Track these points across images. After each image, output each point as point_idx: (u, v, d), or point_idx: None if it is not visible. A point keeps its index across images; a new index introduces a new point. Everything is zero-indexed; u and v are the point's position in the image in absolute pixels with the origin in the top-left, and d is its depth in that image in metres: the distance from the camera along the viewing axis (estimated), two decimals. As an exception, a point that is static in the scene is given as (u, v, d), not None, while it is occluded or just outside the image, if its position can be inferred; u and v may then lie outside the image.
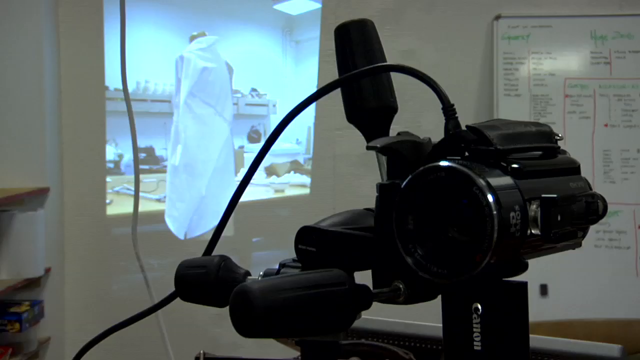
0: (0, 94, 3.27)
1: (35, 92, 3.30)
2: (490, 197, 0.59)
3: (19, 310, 3.07)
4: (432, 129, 1.16)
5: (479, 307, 0.64)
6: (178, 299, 0.80)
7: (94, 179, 3.56)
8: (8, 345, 3.03)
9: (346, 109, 0.78)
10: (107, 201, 3.59)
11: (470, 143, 0.64)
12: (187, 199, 3.60)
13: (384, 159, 0.70)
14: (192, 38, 3.61)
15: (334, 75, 0.77)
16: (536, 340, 1.14)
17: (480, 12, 3.49)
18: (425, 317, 1.20)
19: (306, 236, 0.69)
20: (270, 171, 3.64)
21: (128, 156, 3.59)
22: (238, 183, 0.77)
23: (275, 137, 0.75)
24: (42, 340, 3.28)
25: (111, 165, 3.61)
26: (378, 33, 0.80)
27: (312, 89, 3.58)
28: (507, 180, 0.62)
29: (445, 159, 0.63)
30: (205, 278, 0.75)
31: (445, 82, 0.67)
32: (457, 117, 0.66)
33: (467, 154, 0.65)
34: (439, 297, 0.67)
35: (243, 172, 3.77)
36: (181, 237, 3.60)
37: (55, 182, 3.42)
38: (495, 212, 0.59)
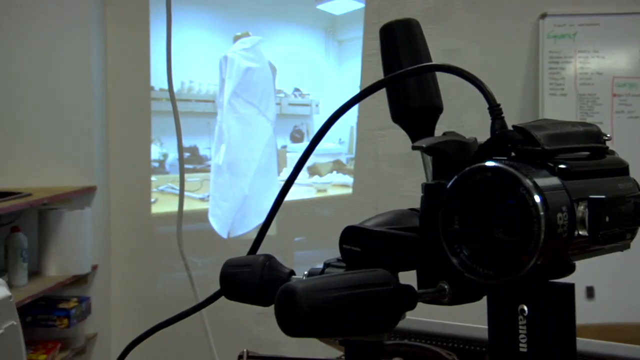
0: (50, 95, 3.34)
1: (83, 92, 3.36)
2: (537, 198, 0.58)
3: (67, 307, 3.13)
4: (475, 128, 1.15)
5: (525, 308, 0.63)
6: (222, 297, 0.81)
7: (139, 178, 3.61)
8: (57, 340, 3.09)
9: (391, 109, 0.78)
10: (152, 200, 3.64)
11: (517, 143, 0.64)
12: (230, 198, 3.63)
13: (429, 159, 0.70)
14: (236, 38, 3.64)
15: (376, 75, 0.76)
16: (582, 343, 1.13)
17: (525, 11, 3.45)
18: (465, 318, 1.19)
19: (351, 236, 0.69)
20: (313, 171, 3.65)
21: (172, 155, 3.64)
22: (281, 183, 0.77)
23: (320, 137, 0.75)
24: (89, 336, 3.34)
25: (156, 164, 3.65)
26: (423, 32, 0.79)
27: (355, 88, 3.58)
28: (554, 180, 0.61)
29: (492, 159, 0.62)
30: (250, 277, 0.76)
31: (490, 81, 0.67)
32: (503, 117, 0.66)
33: (513, 154, 0.64)
34: (484, 298, 0.67)
35: (286, 171, 3.82)
36: (224, 236, 3.63)
37: (102, 181, 3.47)
38: (542, 213, 0.58)
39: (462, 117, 3.20)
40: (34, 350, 2.92)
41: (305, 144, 3.76)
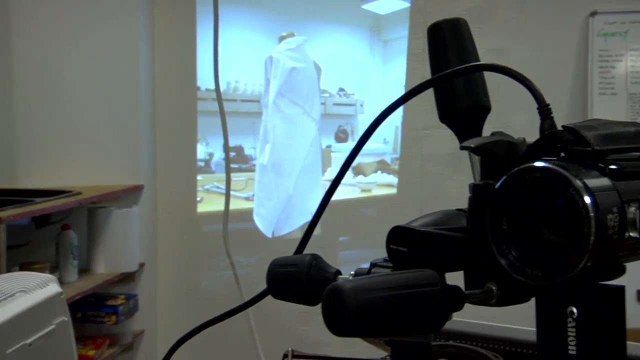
0: (99, 95, 3.40)
1: (131, 93, 3.41)
2: (587, 199, 0.58)
3: (115, 303, 3.18)
4: (522, 128, 1.14)
5: (575, 310, 0.62)
6: (268, 296, 0.81)
7: (186, 177, 3.65)
8: (105, 336, 3.14)
9: (439, 109, 0.78)
10: (198, 199, 3.68)
11: (567, 143, 0.63)
12: (275, 197, 3.65)
13: (477, 159, 0.69)
14: (281, 38, 3.65)
15: (422, 74, 0.76)
16: (632, 347, 1.11)
17: (574, 9, 3.40)
18: (507, 320, 1.18)
19: (398, 236, 0.69)
20: (358, 171, 3.64)
21: (218, 155, 3.67)
22: (325, 182, 0.78)
23: (367, 138, 0.75)
24: (136, 332, 3.39)
25: (202, 164, 3.69)
26: (471, 32, 0.79)
27: (400, 88, 3.57)
28: (604, 181, 0.61)
29: (541, 160, 0.62)
30: (297, 276, 0.76)
31: (538, 81, 0.66)
32: (552, 117, 0.65)
33: (563, 154, 0.64)
34: (532, 299, 0.66)
35: (330, 171, 3.79)
36: (269, 235, 3.65)
37: (149, 180, 3.52)
38: (592, 214, 0.57)
39: (510, 117, 3.17)
40: (83, 346, 2.98)
41: (349, 144, 3.76)
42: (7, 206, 2.57)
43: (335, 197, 0.79)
